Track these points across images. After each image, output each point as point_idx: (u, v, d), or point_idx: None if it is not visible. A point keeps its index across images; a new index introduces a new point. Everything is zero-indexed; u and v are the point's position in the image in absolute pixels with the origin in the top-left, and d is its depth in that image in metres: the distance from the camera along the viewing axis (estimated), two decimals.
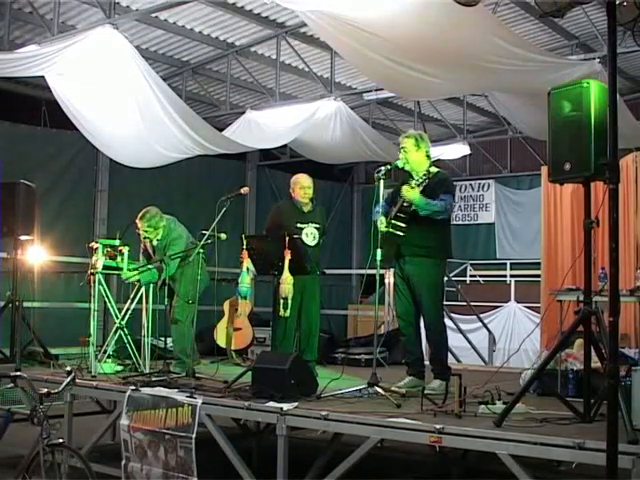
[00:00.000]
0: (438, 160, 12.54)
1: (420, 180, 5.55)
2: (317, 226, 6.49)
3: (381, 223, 5.42)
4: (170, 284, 6.79)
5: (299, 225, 6.39)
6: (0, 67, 7.60)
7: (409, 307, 5.64)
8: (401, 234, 5.42)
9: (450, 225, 5.77)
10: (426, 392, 4.96)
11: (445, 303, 8.79)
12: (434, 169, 5.67)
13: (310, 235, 6.43)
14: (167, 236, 6.83)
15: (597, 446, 3.62)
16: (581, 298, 4.41)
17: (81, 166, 11.82)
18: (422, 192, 5.44)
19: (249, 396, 5.12)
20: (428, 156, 5.68)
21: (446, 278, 8.85)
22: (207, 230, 6.28)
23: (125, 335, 6.53)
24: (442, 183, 5.58)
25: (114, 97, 8.22)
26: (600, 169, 3.94)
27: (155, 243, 6.88)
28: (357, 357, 7.82)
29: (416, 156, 5.63)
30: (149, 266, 6.63)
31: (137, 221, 6.81)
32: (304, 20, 7.29)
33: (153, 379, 5.93)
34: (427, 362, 5.89)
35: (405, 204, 5.44)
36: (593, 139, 4.23)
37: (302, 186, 6.50)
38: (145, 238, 6.85)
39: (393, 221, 5.42)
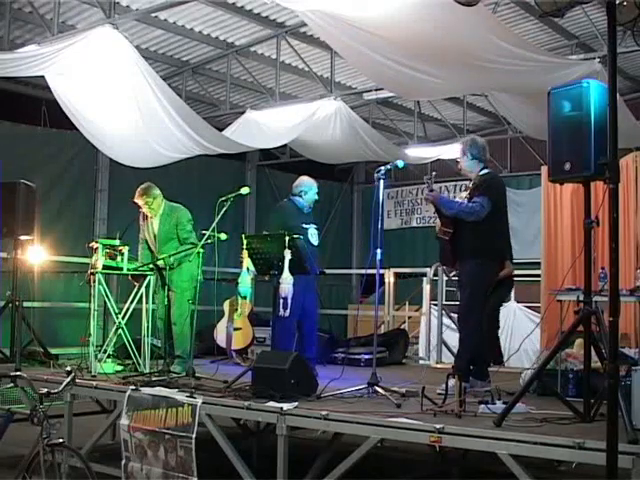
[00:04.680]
0: (438, 160, 12.60)
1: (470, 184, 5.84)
2: (316, 226, 6.61)
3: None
4: (168, 285, 6.70)
5: (304, 226, 6.42)
6: (0, 67, 7.60)
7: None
8: (446, 238, 5.63)
9: (496, 226, 5.82)
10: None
11: (445, 303, 8.83)
12: (484, 172, 5.83)
13: (314, 235, 6.49)
14: (172, 214, 6.88)
15: (597, 446, 3.61)
16: (581, 298, 4.41)
17: (81, 166, 11.81)
18: (469, 196, 5.69)
19: (249, 396, 5.13)
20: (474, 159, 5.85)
21: (446, 278, 8.87)
22: (207, 230, 6.29)
23: (125, 335, 6.53)
24: (478, 186, 5.73)
25: (114, 97, 8.22)
26: (600, 169, 3.94)
27: (157, 226, 6.90)
28: (357, 357, 7.82)
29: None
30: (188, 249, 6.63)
31: (137, 199, 6.90)
32: (304, 20, 7.29)
33: (153, 379, 5.93)
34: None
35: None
36: (593, 139, 4.22)
37: (316, 192, 6.69)
38: (150, 210, 6.89)
39: (442, 227, 5.66)
